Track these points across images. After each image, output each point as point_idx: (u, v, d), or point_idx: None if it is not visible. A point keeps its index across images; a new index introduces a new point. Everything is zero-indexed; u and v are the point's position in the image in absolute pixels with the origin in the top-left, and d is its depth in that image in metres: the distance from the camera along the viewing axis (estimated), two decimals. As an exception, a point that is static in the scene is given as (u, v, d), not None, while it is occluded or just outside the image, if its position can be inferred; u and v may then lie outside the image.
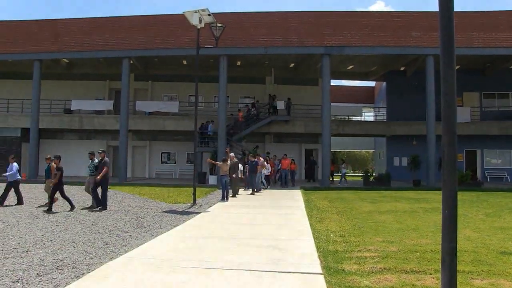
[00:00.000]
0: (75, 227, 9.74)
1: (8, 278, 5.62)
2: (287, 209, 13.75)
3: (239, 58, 29.56)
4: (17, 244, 7.82)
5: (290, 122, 30.27)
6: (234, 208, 14.08)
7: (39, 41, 28.73)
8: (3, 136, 31.45)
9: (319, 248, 7.46)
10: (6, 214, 11.91)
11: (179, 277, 5.62)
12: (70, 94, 32.60)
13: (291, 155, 31.10)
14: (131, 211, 12.99)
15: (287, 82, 33.93)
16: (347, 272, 5.98)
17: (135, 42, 27.47)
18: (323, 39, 26.16)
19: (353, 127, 32.62)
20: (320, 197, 18.23)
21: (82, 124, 31.02)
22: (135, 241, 8.15)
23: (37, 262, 6.49)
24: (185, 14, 15.30)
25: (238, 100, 33.66)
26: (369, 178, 27.01)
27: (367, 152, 66.62)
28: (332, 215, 12.33)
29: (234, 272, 5.89)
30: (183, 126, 30.09)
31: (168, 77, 33.66)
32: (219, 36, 16.23)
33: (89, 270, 6.04)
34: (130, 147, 30.71)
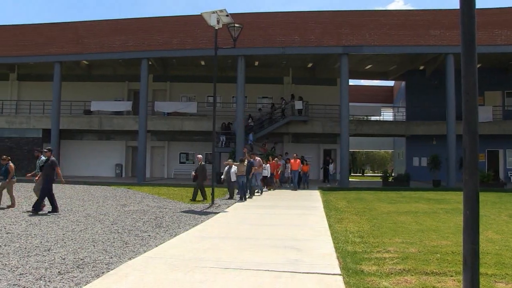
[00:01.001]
0: (95, 227, 9.84)
1: (31, 275, 5.74)
2: (306, 210, 13.69)
3: (256, 58, 29.55)
4: (39, 242, 7.95)
5: (308, 122, 30.15)
6: (252, 209, 14.07)
7: (59, 43, 29.16)
8: (26, 137, 31.97)
9: (338, 249, 7.41)
10: (29, 214, 12.09)
11: (197, 276, 5.62)
12: (90, 95, 32.96)
13: (309, 156, 31.01)
14: (150, 211, 13.07)
15: (305, 82, 33.81)
16: (366, 273, 5.92)
17: (154, 43, 27.67)
18: (341, 39, 26.00)
19: (371, 127, 32.36)
20: (339, 197, 18.12)
21: (101, 125, 31.35)
22: (154, 241, 8.19)
23: (58, 260, 6.58)
24: (203, 15, 15.35)
25: (256, 101, 33.65)
26: (388, 179, 26.75)
27: (386, 152, 66.05)
28: (350, 215, 12.24)
29: (252, 272, 5.87)
30: (201, 126, 30.20)
31: (186, 77, 33.81)
32: (236, 37, 16.24)
33: (109, 269, 6.09)
34: (148, 147, 30.92)
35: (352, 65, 28.46)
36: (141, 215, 12.08)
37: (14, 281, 5.45)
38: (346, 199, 17.19)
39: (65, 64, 30.13)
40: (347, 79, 26.26)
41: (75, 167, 32.84)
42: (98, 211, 12.80)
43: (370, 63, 31.88)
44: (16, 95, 35.13)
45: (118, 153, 33.78)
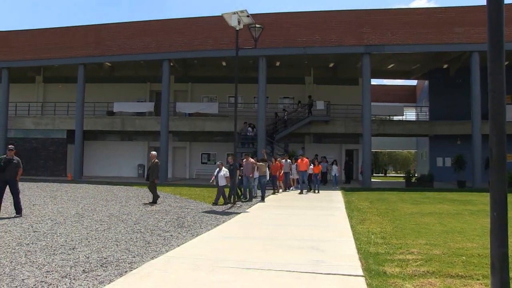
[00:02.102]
0: (118, 226, 9.94)
1: (57, 273, 5.85)
2: (327, 210, 13.62)
3: (278, 58, 29.50)
4: (64, 241, 8.07)
5: (330, 122, 29.97)
6: (274, 209, 14.06)
7: (83, 46, 29.64)
8: (51, 138, 32.55)
9: (360, 250, 7.34)
10: (54, 213, 12.30)
11: (219, 276, 5.63)
12: (113, 97, 33.38)
13: (331, 156, 30.81)
14: (172, 211, 13.16)
15: (327, 82, 33.65)
16: (389, 274, 5.84)
17: (175, 44, 27.88)
18: (362, 38, 25.79)
19: (394, 127, 32.00)
20: (361, 198, 17.96)
21: (123, 126, 31.71)
22: (176, 241, 8.24)
23: (83, 259, 6.67)
24: (224, 16, 15.39)
25: (278, 101, 33.61)
26: (411, 179, 26.43)
27: (409, 152, 65.28)
28: (373, 216, 12.12)
29: (274, 272, 5.85)
30: (222, 127, 30.29)
31: (207, 78, 33.97)
32: (257, 37, 16.23)
33: (132, 268, 6.14)
34: (170, 148, 31.15)
35: (374, 65, 28.18)
36: (163, 215, 12.17)
37: (41, 278, 5.58)
38: (368, 200, 17.03)
39: (89, 66, 30.58)
40: (369, 78, 26.05)
41: (98, 168, 33.32)
42: (121, 211, 12.93)
43: (392, 62, 31.54)
44: (42, 97, 35.84)
45: (140, 153, 34.11)
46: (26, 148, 32.62)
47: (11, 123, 31.98)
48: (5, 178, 11.62)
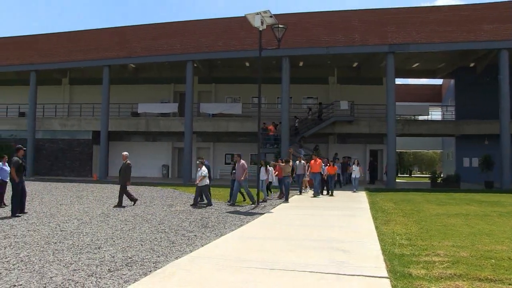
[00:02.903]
0: (142, 226, 10.05)
1: (83, 272, 5.97)
2: (351, 211, 13.52)
3: (301, 58, 29.43)
4: (90, 240, 8.21)
5: (354, 122, 29.75)
6: (297, 210, 14.02)
7: (108, 48, 30.11)
8: (77, 139, 33.10)
9: (385, 251, 7.26)
10: (80, 212, 12.51)
11: (243, 276, 5.64)
12: (137, 98, 33.77)
13: (355, 156, 30.57)
14: (196, 211, 13.24)
15: (351, 82, 33.40)
16: (415, 276, 5.75)
17: (199, 45, 28.05)
18: (386, 37, 25.50)
19: (419, 126, 31.55)
20: (385, 198, 17.77)
21: (148, 127, 32.05)
22: (200, 241, 8.29)
23: (108, 258, 6.78)
24: (247, 16, 15.41)
25: (301, 101, 33.51)
26: (437, 180, 26.04)
27: (434, 152, 64.34)
28: (398, 217, 11.97)
29: (297, 273, 5.83)
30: (246, 127, 30.34)
31: (231, 79, 34.07)
32: (281, 38, 16.21)
33: (156, 268, 6.20)
34: (194, 148, 31.32)
35: (398, 64, 27.86)
36: (187, 215, 12.25)
37: (69, 276, 5.71)
38: (393, 201, 16.83)
39: (113, 68, 31.03)
40: (393, 78, 25.76)
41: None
42: (145, 211, 13.07)
43: (417, 61, 31.13)
44: (68, 99, 36.48)
45: (164, 154, 34.43)
46: (53, 149, 33.28)
47: (39, 124, 32.68)
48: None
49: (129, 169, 14.97)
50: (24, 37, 33.62)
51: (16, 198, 11.82)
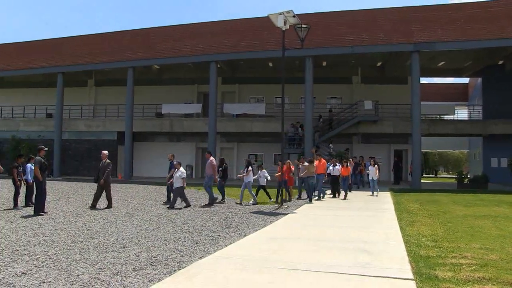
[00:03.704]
0: (166, 226, 10.13)
1: (109, 270, 6.06)
2: (376, 212, 13.39)
3: (324, 58, 29.29)
4: (115, 240, 8.32)
5: (378, 122, 29.45)
6: (321, 210, 13.95)
7: (132, 49, 30.50)
8: (102, 139, 33.58)
9: (410, 253, 7.16)
10: (105, 212, 12.70)
11: (266, 277, 5.63)
12: (161, 99, 34.06)
13: (379, 156, 30.26)
14: (220, 211, 13.29)
15: (375, 81, 33.08)
16: (441, 279, 5.64)
17: (222, 46, 28.17)
18: (411, 36, 25.16)
19: (445, 126, 31.05)
20: (410, 199, 17.54)
21: (172, 127, 32.31)
22: (224, 241, 8.31)
23: (133, 257, 6.86)
24: (270, 16, 15.40)
25: (325, 101, 33.33)
26: (464, 180, 25.57)
27: (461, 152, 63.30)
28: (423, 218, 11.80)
29: (321, 274, 5.80)
30: (270, 127, 30.32)
31: (254, 79, 34.11)
32: (304, 37, 16.15)
33: (180, 267, 6.25)
34: (218, 148, 31.45)
35: (423, 63, 27.45)
36: (211, 215, 12.31)
37: (95, 275, 5.80)
38: (418, 201, 16.61)
39: (138, 69, 31.41)
40: (419, 77, 25.41)
41: (147, 168, 34.06)
42: (169, 211, 13.18)
43: (443, 60, 30.64)
44: (93, 100, 37.08)
45: (188, 154, 34.63)
46: (79, 149, 33.84)
47: (65, 125, 33.27)
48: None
49: (108, 167, 13.91)
50: (51, 40, 34.30)
51: (40, 196, 12.16)
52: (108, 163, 13.97)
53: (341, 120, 29.72)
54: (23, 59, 33.92)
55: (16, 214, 12.18)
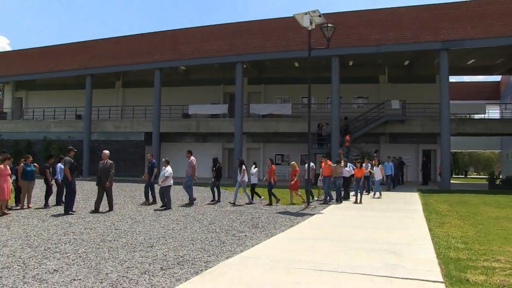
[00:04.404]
0: (193, 226, 10.20)
1: (136, 269, 6.16)
2: (404, 212, 13.21)
3: (351, 58, 29.05)
4: (143, 239, 8.43)
5: (406, 121, 29.03)
6: (348, 211, 13.84)
7: (159, 51, 30.84)
8: (129, 140, 34.03)
9: (439, 255, 7.03)
10: (133, 212, 12.87)
11: (293, 277, 5.61)
12: (187, 99, 34.32)
13: (407, 156, 29.83)
14: (246, 211, 13.32)
15: (402, 81, 32.60)
16: (472, 282, 5.51)
17: (248, 46, 28.22)
18: (439, 33, 24.71)
19: (475, 126, 30.35)
20: (439, 200, 17.23)
21: (198, 128, 32.51)
22: (250, 241, 8.33)
23: (160, 256, 6.94)
24: (296, 16, 15.35)
25: (351, 101, 33.05)
26: (495, 181, 25.00)
27: (492, 152, 61.87)
28: (453, 219, 11.58)
29: (348, 275, 5.75)
30: (296, 128, 30.21)
31: (280, 79, 34.06)
32: (330, 37, 16.05)
33: (207, 267, 6.29)
34: (244, 149, 31.48)
35: (452, 61, 26.89)
36: (237, 215, 12.34)
37: (123, 273, 5.92)
38: (447, 202, 16.30)
39: (165, 71, 31.72)
40: (447, 75, 24.94)
41: (174, 168, 34.16)
42: (196, 211, 13.27)
43: (473, 58, 29.98)
44: (121, 101, 37.63)
45: (214, 154, 34.73)
46: (107, 149, 34.30)
47: (94, 126, 33.86)
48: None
49: (110, 168, 13.47)
50: (81, 43, 34.95)
51: (70, 196, 12.53)
52: (110, 164, 13.53)
53: (368, 120, 29.39)
54: (54, 62, 34.71)
55: (47, 213, 12.49)
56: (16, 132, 36.66)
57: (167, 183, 14.15)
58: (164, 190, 14.05)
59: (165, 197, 14.06)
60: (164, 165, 14.68)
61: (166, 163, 14.77)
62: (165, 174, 14.21)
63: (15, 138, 36.01)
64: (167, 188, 14.11)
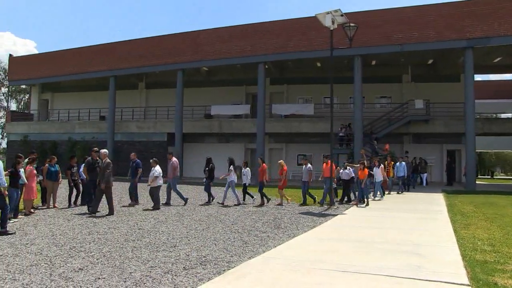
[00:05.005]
0: (216, 226, 10.24)
1: (160, 269, 6.22)
2: (428, 213, 13.03)
3: (373, 57, 28.80)
4: (166, 239, 8.50)
5: (430, 121, 28.62)
6: (371, 211, 13.71)
7: (181, 52, 31.07)
8: (152, 141, 34.37)
9: (465, 257, 6.90)
10: (156, 212, 12.99)
11: (315, 278, 5.59)
12: (210, 100, 34.48)
13: (431, 156, 29.42)
14: (269, 212, 13.31)
15: (426, 80, 32.15)
16: (501, 286, 5.38)
17: (270, 47, 28.21)
18: (464, 31, 24.26)
19: (501, 125, 29.73)
20: (465, 201, 16.92)
21: (221, 128, 32.64)
22: (273, 242, 8.32)
23: (183, 256, 6.99)
24: (318, 16, 15.27)
25: (374, 101, 32.75)
26: (523, 182, 24.42)
27: (519, 152, 60.51)
28: (479, 221, 11.35)
29: (371, 276, 5.70)
30: (318, 128, 30.08)
31: (302, 79, 33.95)
32: (352, 36, 15.94)
33: (229, 267, 6.31)
34: (266, 149, 31.49)
35: (477, 59, 26.38)
36: (260, 216, 12.35)
37: (146, 273, 5.99)
38: (473, 203, 15.99)
39: (187, 71, 31.93)
40: (472, 74, 24.50)
41: (197, 169, 34.48)
42: (219, 211, 13.31)
43: (499, 56, 29.34)
44: (144, 102, 38.02)
45: (237, 155, 34.78)
46: (131, 150, 34.54)
47: (117, 127, 34.33)
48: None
49: (110, 168, 12.76)
50: (104, 45, 35.47)
51: (94, 196, 12.88)
52: (107, 163, 12.70)
53: (391, 120, 29.08)
54: (78, 64, 35.29)
55: (72, 212, 12.71)
56: (42, 133, 37.52)
57: (157, 183, 14.08)
58: (154, 190, 13.97)
59: (154, 197, 13.96)
60: (153, 165, 14.47)
61: (155, 163, 14.57)
62: (154, 174, 14.11)
63: (42, 139, 36.83)
64: (157, 188, 14.07)
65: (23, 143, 36.85)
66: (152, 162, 14.60)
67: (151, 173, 14.19)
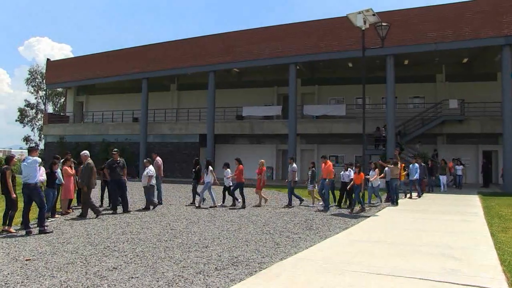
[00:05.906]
0: (248, 227, 10.26)
1: (192, 269, 6.30)
2: (463, 216, 12.72)
3: (406, 56, 28.32)
4: (198, 239, 8.58)
5: (464, 121, 27.95)
6: (404, 213, 13.50)
7: (213, 54, 31.26)
8: (185, 142, 34.70)
9: (504, 261, 6.70)
10: (189, 212, 13.12)
11: (347, 280, 5.54)
12: (241, 101, 34.56)
13: (467, 157, 28.71)
14: (300, 213, 13.27)
15: (460, 79, 31.36)
16: (540, 290, 5.21)
17: (301, 48, 28.09)
18: (502, 28, 23.57)
19: (541, 125, 28.76)
20: (502, 203, 16.41)
21: (252, 129, 32.68)
22: (304, 243, 8.29)
23: (215, 257, 7.04)
24: (349, 16, 15.13)
25: (407, 101, 32.22)
26: None
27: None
28: (517, 224, 11.02)
29: (405, 279, 5.60)
30: (351, 129, 29.78)
31: (334, 80, 33.68)
32: (384, 36, 15.72)
33: (261, 268, 6.31)
34: (298, 150, 31.37)
35: (515, 57, 25.60)
36: (291, 217, 12.32)
37: (179, 273, 6.06)
38: (511, 206, 15.53)
39: (218, 73, 32.11)
40: (510, 72, 23.75)
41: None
42: (250, 212, 13.33)
43: (540, 53, 28.40)
44: (176, 104, 38.44)
45: (268, 156, 34.78)
46: (163, 151, 35.04)
47: (150, 129, 34.79)
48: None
49: (91, 170, 12.27)
50: (137, 47, 36.04)
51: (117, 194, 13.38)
52: (87, 164, 12.29)
53: (424, 120, 28.55)
54: (112, 66, 35.98)
55: (106, 212, 12.93)
56: (77, 134, 38.37)
57: (144, 183, 14.09)
58: (148, 190, 13.98)
59: (147, 197, 14.02)
60: (146, 165, 14.56)
61: (148, 163, 14.67)
62: (148, 173, 14.13)
63: (77, 140, 37.68)
64: (151, 187, 14.09)
65: (60, 144, 37.82)
66: (145, 162, 14.79)
67: (144, 172, 14.31)
